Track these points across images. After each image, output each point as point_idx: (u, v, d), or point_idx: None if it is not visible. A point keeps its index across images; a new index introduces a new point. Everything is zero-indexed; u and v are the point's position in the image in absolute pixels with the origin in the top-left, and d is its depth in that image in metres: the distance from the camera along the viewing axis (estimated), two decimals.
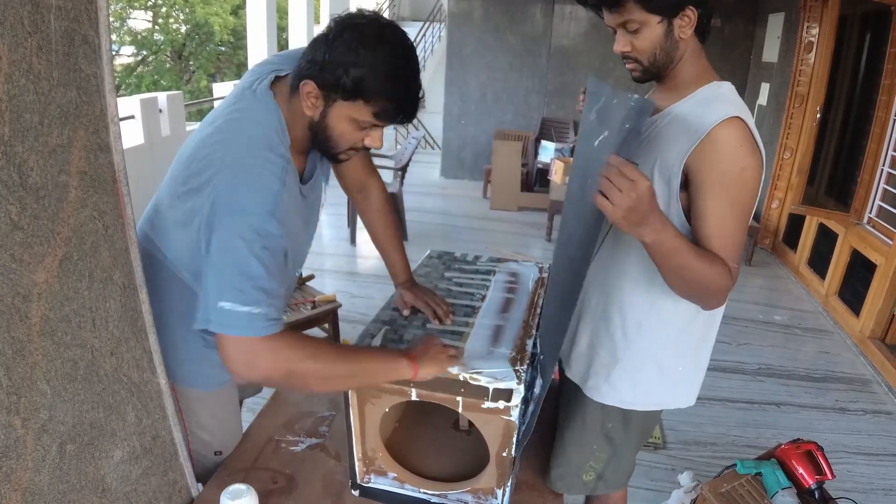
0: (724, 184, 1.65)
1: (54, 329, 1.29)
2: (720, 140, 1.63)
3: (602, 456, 2.12)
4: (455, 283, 2.31)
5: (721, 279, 1.64)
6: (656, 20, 1.69)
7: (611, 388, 2.01)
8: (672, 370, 1.98)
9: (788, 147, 7.22)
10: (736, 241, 1.69)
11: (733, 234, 1.68)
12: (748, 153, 1.63)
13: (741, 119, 1.64)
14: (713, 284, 1.65)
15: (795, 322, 5.94)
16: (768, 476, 2.65)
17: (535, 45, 10.03)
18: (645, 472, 3.64)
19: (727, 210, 1.66)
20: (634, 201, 1.42)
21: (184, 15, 24.42)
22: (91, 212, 1.37)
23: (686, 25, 1.70)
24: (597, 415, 2.06)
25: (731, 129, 1.63)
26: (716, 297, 1.73)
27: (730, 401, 4.49)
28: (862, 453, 3.97)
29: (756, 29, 8.99)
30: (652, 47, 1.74)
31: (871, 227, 5.68)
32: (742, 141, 1.63)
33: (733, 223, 1.67)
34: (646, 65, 1.79)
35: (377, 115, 1.62)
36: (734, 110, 1.65)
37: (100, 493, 1.50)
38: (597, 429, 2.08)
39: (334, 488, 2.00)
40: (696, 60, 1.79)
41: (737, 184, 1.64)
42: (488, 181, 9.70)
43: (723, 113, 1.64)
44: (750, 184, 1.66)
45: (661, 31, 1.71)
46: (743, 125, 1.64)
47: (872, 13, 5.78)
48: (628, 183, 1.41)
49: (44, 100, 1.18)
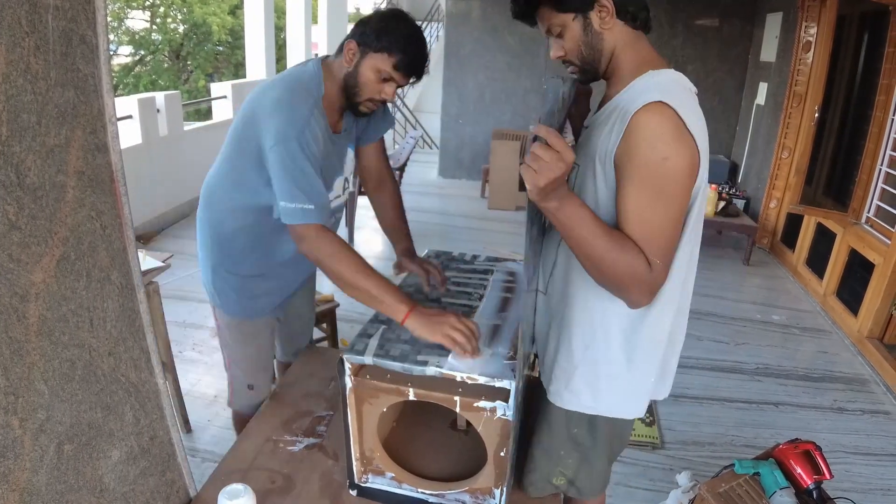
0: (643, 174, 1.58)
1: (52, 329, 1.29)
2: (638, 127, 1.57)
3: (570, 462, 2.06)
4: (453, 283, 2.31)
5: (634, 266, 1.58)
6: (571, 18, 1.71)
7: (571, 395, 1.95)
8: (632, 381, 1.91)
9: (786, 146, 7.23)
10: (659, 236, 1.61)
11: (655, 226, 1.60)
12: (671, 140, 1.55)
13: (664, 104, 1.55)
14: (624, 270, 1.59)
15: (794, 322, 5.94)
16: (766, 476, 2.65)
17: (533, 45, 10.00)
18: (643, 472, 3.64)
19: (646, 201, 1.59)
20: (559, 173, 1.44)
21: (182, 15, 24.42)
22: (89, 212, 1.37)
23: (605, 16, 1.69)
24: (561, 419, 2.02)
25: (650, 114, 1.56)
26: (634, 287, 1.64)
27: (728, 400, 4.49)
28: (860, 453, 3.98)
29: (754, 28, 8.98)
30: (576, 46, 1.76)
31: (869, 227, 5.68)
32: (663, 127, 1.55)
33: (655, 216, 1.60)
34: (579, 65, 1.81)
35: (395, 66, 2.15)
36: (658, 95, 1.57)
37: (97, 494, 1.50)
38: (562, 434, 2.04)
39: (332, 488, 2.00)
40: (632, 50, 1.75)
41: (658, 174, 1.57)
42: (486, 181, 9.71)
43: (645, 98, 1.58)
44: (674, 174, 1.57)
45: (580, 28, 1.72)
46: (665, 110, 1.55)
47: (870, 13, 5.78)
48: (555, 154, 1.42)
49: (41, 100, 1.18)
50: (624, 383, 1.91)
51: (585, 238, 1.58)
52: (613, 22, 1.70)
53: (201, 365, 4.62)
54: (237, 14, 23.54)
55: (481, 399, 1.69)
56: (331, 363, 2.67)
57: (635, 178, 1.59)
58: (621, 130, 1.61)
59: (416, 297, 2.20)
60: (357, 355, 1.78)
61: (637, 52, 1.76)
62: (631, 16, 1.71)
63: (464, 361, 1.80)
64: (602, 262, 1.60)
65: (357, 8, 24.89)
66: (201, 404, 4.10)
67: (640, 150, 1.57)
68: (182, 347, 4.81)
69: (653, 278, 1.62)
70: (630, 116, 1.58)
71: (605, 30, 1.71)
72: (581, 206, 1.56)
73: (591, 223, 1.56)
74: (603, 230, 1.57)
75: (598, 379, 1.90)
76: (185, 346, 4.87)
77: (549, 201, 1.52)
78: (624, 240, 1.59)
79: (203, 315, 5.38)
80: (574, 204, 1.55)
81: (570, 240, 1.61)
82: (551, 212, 1.55)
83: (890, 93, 5.39)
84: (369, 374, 1.79)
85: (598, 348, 1.87)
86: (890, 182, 5.47)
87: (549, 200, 1.52)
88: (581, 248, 1.61)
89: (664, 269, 1.65)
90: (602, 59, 1.77)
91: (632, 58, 1.75)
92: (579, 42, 1.75)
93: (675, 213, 1.62)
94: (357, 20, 2.26)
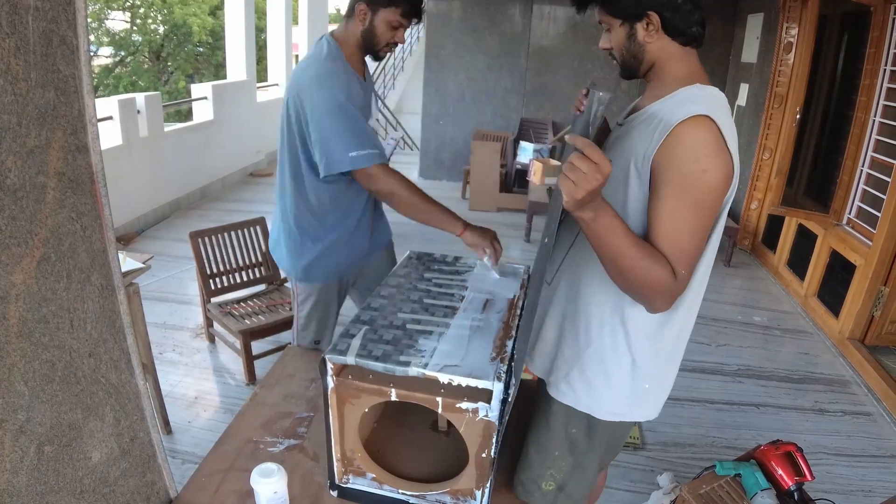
0: (682, 184, 1.61)
1: (32, 330, 1.29)
2: (682, 138, 1.60)
3: (563, 465, 2.06)
4: (435, 284, 2.31)
5: (661, 277, 1.61)
6: (618, 23, 1.75)
7: (568, 388, 1.97)
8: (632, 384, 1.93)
9: (767, 148, 7.26)
10: (688, 246, 1.65)
11: (685, 238, 1.64)
12: (713, 154, 1.58)
13: (709, 118, 1.58)
14: (651, 280, 1.62)
15: (775, 323, 5.97)
16: (748, 477, 2.67)
17: (513, 45, 10.03)
18: (623, 473, 3.65)
19: (682, 212, 1.62)
20: (598, 183, 1.44)
21: (162, 16, 24.29)
22: (69, 213, 1.36)
23: (652, 30, 1.71)
24: (561, 417, 2.02)
25: (695, 127, 1.59)
26: (657, 297, 1.68)
27: (709, 402, 4.51)
28: (841, 454, 4.00)
29: (735, 29, 9.03)
30: (619, 48, 1.79)
31: (850, 228, 5.72)
32: (706, 141, 1.58)
33: (687, 227, 1.63)
34: (620, 63, 1.84)
35: (403, 14, 2.63)
36: (704, 109, 1.60)
37: (78, 495, 1.50)
38: (560, 433, 2.04)
39: (313, 489, 2.00)
40: (679, 64, 1.77)
41: (696, 186, 1.60)
42: (467, 182, 9.70)
43: (690, 110, 1.60)
44: (711, 187, 1.61)
45: (624, 34, 1.76)
46: (710, 124, 1.59)
47: (851, 13, 5.81)
48: (593, 165, 1.42)
49: (21, 101, 1.18)
50: (623, 385, 1.92)
51: (618, 247, 1.60)
52: (659, 36, 1.73)
53: (181, 366, 4.60)
54: (217, 15, 23.43)
55: (463, 400, 1.69)
56: (311, 364, 2.67)
57: (674, 187, 1.62)
58: (662, 137, 1.62)
59: (398, 296, 2.20)
60: (339, 355, 1.78)
61: (682, 65, 1.79)
62: (679, 32, 1.73)
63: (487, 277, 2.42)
64: (631, 272, 1.63)
65: (337, 9, 24.83)
66: (181, 405, 4.09)
67: (681, 161, 1.60)
68: (162, 349, 4.80)
69: (676, 287, 1.66)
70: (673, 125, 1.60)
71: (648, 42, 1.74)
72: (615, 216, 1.58)
73: (623, 234, 1.58)
74: (634, 241, 1.60)
75: (597, 376, 1.93)
76: (166, 347, 4.85)
77: (584, 211, 1.53)
78: (653, 251, 1.62)
79: (183, 316, 5.37)
80: (608, 215, 1.56)
81: (602, 248, 1.63)
82: (586, 221, 1.57)
83: (871, 93, 5.43)
84: (351, 374, 1.79)
85: (606, 345, 1.90)
86: (871, 183, 5.51)
87: (584, 211, 1.53)
88: (611, 257, 1.63)
89: (687, 278, 1.69)
90: (642, 66, 1.81)
91: (676, 70, 1.78)
92: (622, 46, 1.78)
93: (705, 225, 1.66)
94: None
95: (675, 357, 1.98)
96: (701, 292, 1.86)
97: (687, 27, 1.73)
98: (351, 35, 2.71)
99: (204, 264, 4.43)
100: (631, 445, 3.88)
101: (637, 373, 1.91)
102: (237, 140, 10.26)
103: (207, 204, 9.02)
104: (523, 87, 10.26)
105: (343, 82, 2.61)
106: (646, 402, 1.99)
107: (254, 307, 4.48)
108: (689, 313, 1.88)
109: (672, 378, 2.02)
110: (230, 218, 5.04)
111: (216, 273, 4.51)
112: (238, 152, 10.41)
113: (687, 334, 1.96)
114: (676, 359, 1.99)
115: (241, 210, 8.64)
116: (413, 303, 2.15)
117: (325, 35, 2.75)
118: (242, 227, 4.66)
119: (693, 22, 1.73)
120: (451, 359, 1.78)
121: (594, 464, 2.10)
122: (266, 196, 9.63)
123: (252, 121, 10.81)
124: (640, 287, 1.66)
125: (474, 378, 1.69)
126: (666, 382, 2.01)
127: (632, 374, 1.91)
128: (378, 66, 16.96)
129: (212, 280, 4.49)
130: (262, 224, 4.74)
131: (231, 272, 4.60)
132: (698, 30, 1.75)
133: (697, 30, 1.75)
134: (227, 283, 4.58)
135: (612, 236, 1.58)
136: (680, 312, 1.83)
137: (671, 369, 2.00)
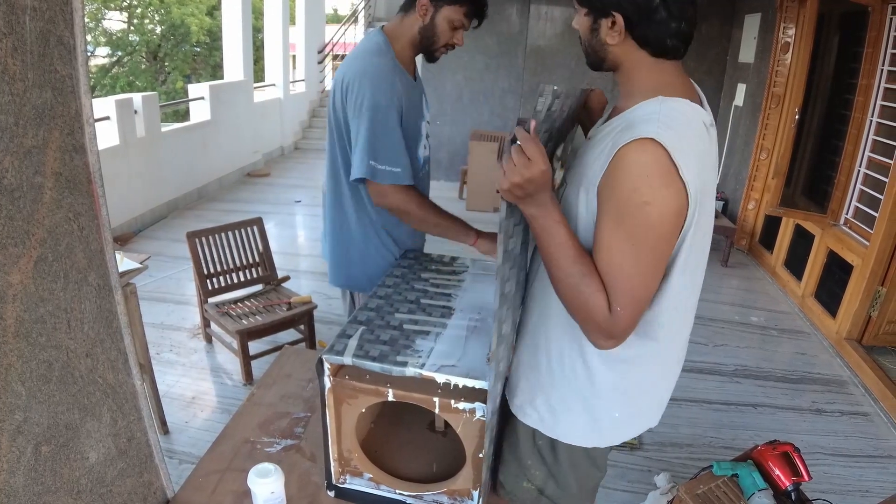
0: (619, 215, 1.47)
1: (29, 330, 1.29)
2: (623, 163, 1.45)
3: (538, 474, 2.00)
4: (431, 284, 2.31)
5: (591, 302, 1.51)
6: (584, 11, 1.61)
7: (534, 411, 1.89)
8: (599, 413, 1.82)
9: (765, 148, 7.28)
10: (625, 283, 1.50)
11: (623, 273, 1.49)
12: (656, 185, 1.43)
13: (656, 142, 1.41)
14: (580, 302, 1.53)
15: (772, 323, 5.98)
16: (745, 477, 2.67)
17: (511, 45, 10.04)
18: (621, 473, 3.66)
19: (619, 244, 1.48)
20: (524, 179, 1.42)
21: (159, 16, 24.29)
22: (66, 213, 1.36)
23: (612, 31, 1.56)
24: (528, 431, 1.95)
25: (637, 152, 1.43)
26: (590, 327, 1.56)
27: (706, 402, 4.52)
28: (839, 455, 4.01)
29: (733, 29, 9.05)
30: (583, 35, 1.65)
31: (847, 229, 5.74)
32: (648, 169, 1.42)
33: (625, 262, 1.49)
34: (583, 50, 1.70)
35: (466, 14, 2.51)
36: (652, 131, 1.43)
37: (75, 495, 1.49)
38: (528, 445, 1.97)
39: (310, 489, 2.00)
40: (645, 74, 1.60)
41: (635, 218, 1.45)
42: (464, 182, 9.73)
43: (636, 132, 1.44)
44: (652, 222, 1.45)
45: (588, 25, 1.61)
46: (657, 150, 1.41)
47: (849, 13, 5.81)
48: (524, 160, 1.41)
49: (19, 101, 1.18)
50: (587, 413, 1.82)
51: (553, 255, 1.54)
52: (623, 39, 1.56)
53: (179, 366, 4.61)
54: (215, 15, 23.44)
55: (460, 400, 1.69)
56: (308, 364, 2.67)
57: (612, 217, 1.49)
58: (607, 161, 1.49)
59: (395, 297, 2.20)
60: (336, 356, 1.78)
61: (650, 76, 1.60)
62: (647, 41, 1.55)
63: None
64: (563, 285, 1.56)
65: (335, 9, 24.82)
66: (178, 405, 4.09)
67: (621, 189, 1.46)
68: (159, 349, 4.80)
69: (611, 324, 1.52)
70: (616, 149, 1.46)
71: (610, 43, 1.58)
72: (558, 221, 1.52)
73: (562, 243, 1.52)
74: (573, 253, 1.52)
75: (562, 403, 1.83)
76: (163, 347, 4.85)
77: (526, 206, 1.51)
78: (592, 273, 1.52)
79: (180, 317, 5.37)
80: (551, 218, 1.51)
81: (541, 251, 1.58)
82: (528, 218, 1.53)
83: (868, 93, 5.44)
84: (348, 374, 1.79)
85: (566, 378, 1.80)
86: (868, 183, 5.53)
87: (526, 206, 1.50)
88: (548, 263, 1.57)
89: (628, 319, 1.53)
90: (604, 63, 1.66)
91: (643, 80, 1.61)
92: (585, 35, 1.64)
93: (648, 262, 1.51)
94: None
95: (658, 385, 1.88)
96: (678, 324, 1.76)
97: (659, 38, 1.54)
98: (407, 30, 2.58)
99: (201, 264, 4.43)
100: (628, 446, 3.88)
101: (603, 402, 1.80)
102: (234, 140, 10.28)
103: (204, 204, 9.03)
104: (521, 88, 10.26)
105: (388, 82, 2.45)
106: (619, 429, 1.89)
107: (251, 307, 4.48)
108: (668, 347, 1.77)
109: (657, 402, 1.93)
110: (227, 218, 5.05)
111: (213, 273, 4.52)
112: (235, 152, 10.43)
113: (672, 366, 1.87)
114: (661, 386, 1.90)
115: (239, 210, 8.66)
116: (410, 303, 2.16)
117: (376, 28, 2.63)
118: (240, 228, 4.66)
119: (668, 34, 1.53)
120: (448, 359, 1.78)
121: (568, 479, 1.99)
122: (263, 196, 9.64)
123: (249, 121, 10.83)
124: (573, 308, 1.57)
125: (471, 378, 1.69)
126: (646, 408, 1.91)
127: (597, 404, 1.81)
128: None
129: (209, 280, 4.49)
130: (259, 224, 4.75)
131: (228, 272, 4.60)
132: (675, 43, 1.55)
133: (673, 42, 1.55)
134: (224, 284, 4.59)
135: (550, 240, 1.53)
136: (649, 346, 1.71)
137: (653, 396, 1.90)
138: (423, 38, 2.57)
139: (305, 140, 14.19)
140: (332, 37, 15.62)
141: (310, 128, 14.52)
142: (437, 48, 2.61)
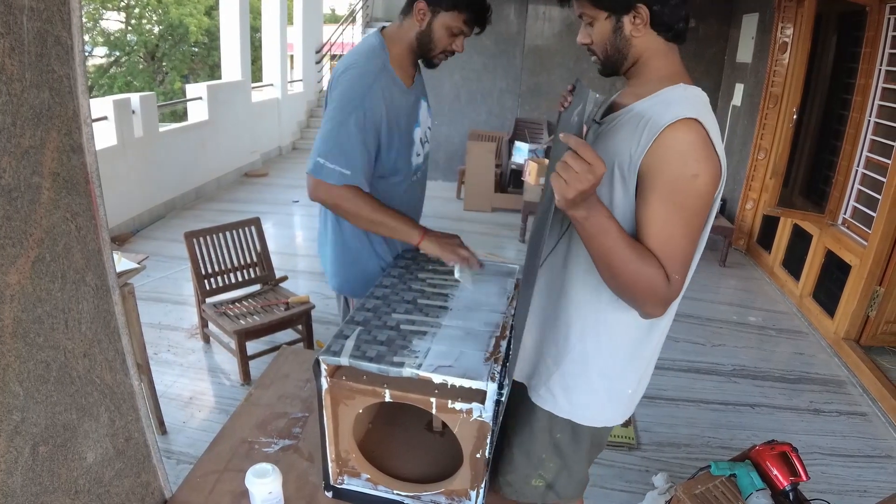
0: (673, 190, 1.59)
1: (27, 331, 1.28)
2: (670, 142, 1.57)
3: (552, 466, 2.06)
4: (429, 284, 2.31)
5: (654, 280, 1.60)
6: (604, 16, 1.69)
7: (548, 393, 1.97)
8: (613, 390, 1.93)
9: (763, 148, 7.28)
10: (679, 251, 1.63)
11: (677, 243, 1.62)
12: (702, 158, 1.56)
13: (697, 121, 1.56)
14: (644, 283, 1.61)
15: (770, 323, 5.99)
16: (743, 477, 2.67)
17: (509, 45, 10.06)
18: (619, 473, 3.66)
19: (673, 217, 1.60)
20: (591, 184, 1.43)
21: (157, 16, 24.28)
22: (64, 213, 1.36)
23: (639, 24, 1.67)
24: (544, 423, 2.02)
25: (682, 131, 1.56)
26: (650, 300, 1.66)
27: (704, 402, 4.52)
28: (836, 455, 4.02)
29: (730, 29, 9.07)
30: (602, 42, 1.74)
31: (845, 228, 5.74)
32: (695, 145, 1.56)
33: (678, 232, 1.61)
34: (602, 58, 1.79)
35: (466, 21, 2.44)
36: (692, 112, 1.57)
37: (72, 496, 1.49)
38: (545, 438, 2.04)
39: (307, 489, 2.00)
40: (663, 61, 1.74)
41: (686, 190, 1.58)
42: (462, 182, 9.74)
43: (678, 113, 1.57)
44: (701, 192, 1.59)
45: (610, 27, 1.70)
46: (698, 128, 1.56)
47: (847, 13, 5.81)
48: (586, 165, 1.42)
49: (16, 101, 1.18)
50: (603, 391, 1.91)
51: (610, 248, 1.58)
52: (646, 30, 1.69)
53: (176, 366, 4.61)
54: (213, 15, 23.42)
55: (458, 401, 1.69)
56: (306, 364, 2.67)
57: (664, 192, 1.60)
58: (649, 141, 1.60)
59: (392, 297, 2.20)
60: (333, 356, 1.78)
61: (665, 62, 1.75)
62: (666, 27, 1.69)
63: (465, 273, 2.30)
64: (623, 274, 1.61)
65: (332, 9, 24.80)
66: (176, 406, 4.09)
67: (671, 166, 1.58)
68: (157, 349, 4.80)
69: (669, 292, 1.64)
70: (661, 129, 1.57)
71: (635, 36, 1.70)
72: (609, 217, 1.57)
73: (616, 234, 1.57)
74: (627, 242, 1.58)
75: (577, 380, 1.92)
76: (161, 347, 4.85)
77: (577, 211, 1.53)
78: (646, 253, 1.61)
79: (178, 317, 5.37)
80: (602, 214, 1.56)
81: (594, 249, 1.61)
82: (579, 220, 1.56)
83: (866, 93, 5.44)
84: (345, 375, 1.79)
85: (586, 352, 1.88)
86: (866, 183, 5.53)
87: (577, 210, 1.53)
88: (604, 258, 1.62)
89: (681, 284, 1.66)
90: (625, 62, 1.76)
91: (660, 67, 1.74)
92: (606, 40, 1.73)
93: (696, 229, 1.65)
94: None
95: (654, 359, 1.99)
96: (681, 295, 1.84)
97: (674, 22, 1.69)
98: (405, 34, 2.52)
99: (199, 264, 4.43)
100: (626, 446, 3.88)
101: (618, 379, 1.91)
102: (232, 140, 10.27)
103: (202, 204, 9.02)
104: (518, 88, 10.27)
105: (366, 84, 2.37)
106: (628, 405, 1.99)
107: (249, 307, 4.48)
108: (669, 316, 1.87)
109: (649, 378, 2.03)
110: (225, 218, 5.04)
111: (211, 273, 4.52)
112: (233, 153, 10.42)
113: (664, 336, 1.96)
114: (654, 360, 1.99)
115: (236, 210, 8.65)
116: (407, 303, 2.15)
117: (375, 31, 2.57)
118: (237, 228, 4.66)
119: (680, 17, 1.69)
120: (445, 359, 1.78)
121: (583, 464, 2.11)
122: (261, 196, 9.64)
123: (247, 121, 10.83)
124: (633, 290, 1.64)
125: (468, 379, 1.69)
126: (644, 383, 2.02)
127: (612, 381, 1.91)
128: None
129: (207, 280, 4.50)
130: (256, 224, 4.75)
131: (226, 272, 4.61)
132: (684, 25, 1.71)
133: (683, 25, 1.71)
134: (221, 284, 4.59)
135: (605, 237, 1.57)
136: (663, 317, 1.82)
137: (650, 371, 2.01)
138: (421, 44, 2.53)
139: (303, 140, 14.18)
140: (330, 37, 15.61)
141: (307, 128, 14.50)
142: (435, 54, 2.59)
